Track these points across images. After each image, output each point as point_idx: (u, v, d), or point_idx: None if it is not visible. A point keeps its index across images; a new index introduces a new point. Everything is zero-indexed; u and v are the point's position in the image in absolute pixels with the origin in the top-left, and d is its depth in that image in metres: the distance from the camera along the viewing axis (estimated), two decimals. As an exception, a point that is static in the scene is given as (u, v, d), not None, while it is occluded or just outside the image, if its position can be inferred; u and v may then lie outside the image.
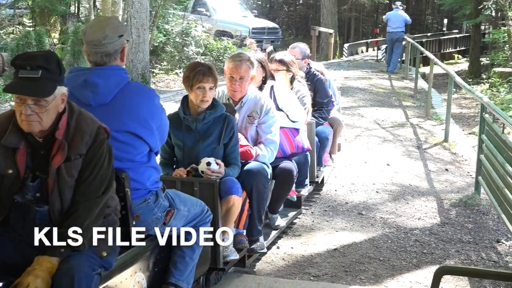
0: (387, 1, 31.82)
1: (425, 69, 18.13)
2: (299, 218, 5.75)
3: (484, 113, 6.55)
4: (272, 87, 5.13)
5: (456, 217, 6.01)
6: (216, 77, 4.02)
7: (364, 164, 7.74)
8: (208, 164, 3.93)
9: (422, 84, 14.91)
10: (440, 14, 39.97)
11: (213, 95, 4.05)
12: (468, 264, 4.87)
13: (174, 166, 4.23)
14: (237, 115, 4.49)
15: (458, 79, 9.06)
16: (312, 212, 5.95)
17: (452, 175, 7.49)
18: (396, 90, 14.28)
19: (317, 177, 6.25)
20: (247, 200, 4.27)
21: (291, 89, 5.62)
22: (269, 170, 4.55)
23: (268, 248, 4.94)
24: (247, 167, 4.32)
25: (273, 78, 5.35)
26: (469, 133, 10.43)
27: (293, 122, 5.12)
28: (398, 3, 18.09)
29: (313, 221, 5.72)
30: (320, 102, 6.29)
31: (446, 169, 7.71)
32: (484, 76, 18.56)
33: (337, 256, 4.93)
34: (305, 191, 5.71)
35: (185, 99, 4.14)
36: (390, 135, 9.52)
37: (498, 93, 14.32)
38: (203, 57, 17.17)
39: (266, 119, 4.60)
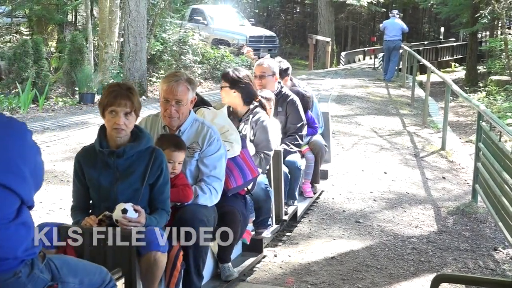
0: (384, 10, 31.96)
1: (422, 78, 18.18)
2: (296, 226, 5.73)
3: (481, 121, 6.56)
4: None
5: (453, 225, 6.01)
6: (135, 101, 3.26)
7: (362, 172, 7.74)
8: (124, 211, 3.14)
9: (419, 92, 14.95)
10: (437, 23, 40.18)
11: (132, 123, 3.28)
12: (466, 272, 4.87)
13: (91, 211, 3.45)
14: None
15: (455, 87, 9.09)
16: (309, 220, 5.94)
17: (449, 183, 7.50)
18: (393, 98, 14.31)
19: (286, 213, 5.39)
20: (181, 253, 3.45)
21: (247, 110, 4.95)
22: (211, 214, 3.80)
23: (266, 256, 4.93)
24: (181, 211, 3.62)
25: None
26: (466, 141, 10.46)
27: None
28: (395, 11, 18.22)
29: (310, 229, 5.71)
30: (292, 127, 5.62)
31: (443, 177, 7.72)
32: (481, 84, 18.68)
33: (335, 264, 4.92)
34: (267, 233, 4.86)
35: (103, 129, 3.34)
36: (387, 143, 9.52)
37: (495, 101, 14.39)
38: (200, 65, 17.24)
39: (209, 151, 3.86)
